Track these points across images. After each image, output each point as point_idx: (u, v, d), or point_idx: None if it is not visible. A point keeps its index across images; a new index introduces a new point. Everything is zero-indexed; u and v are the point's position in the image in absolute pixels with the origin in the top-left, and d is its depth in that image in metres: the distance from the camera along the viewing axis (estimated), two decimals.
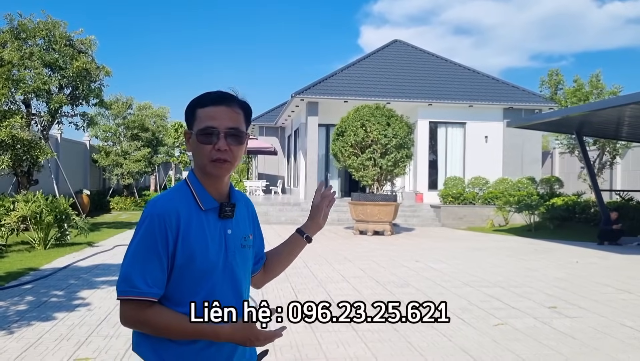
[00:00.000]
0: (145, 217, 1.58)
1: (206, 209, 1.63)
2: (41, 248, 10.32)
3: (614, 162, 18.95)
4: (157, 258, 1.55)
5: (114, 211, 21.35)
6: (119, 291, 1.55)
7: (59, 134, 18.36)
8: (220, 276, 1.62)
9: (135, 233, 1.59)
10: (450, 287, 7.42)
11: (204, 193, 1.65)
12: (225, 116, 1.62)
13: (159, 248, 1.55)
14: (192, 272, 1.58)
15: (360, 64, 22.40)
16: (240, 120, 1.65)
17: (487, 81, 21.90)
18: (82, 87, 14.01)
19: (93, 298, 6.36)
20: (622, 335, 5.17)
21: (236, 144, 1.63)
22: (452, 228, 17.57)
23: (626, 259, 10.70)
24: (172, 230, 1.56)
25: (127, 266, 1.56)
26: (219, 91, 1.66)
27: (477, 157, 20.63)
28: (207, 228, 1.62)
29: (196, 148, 1.63)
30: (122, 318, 1.57)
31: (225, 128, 1.60)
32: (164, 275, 1.56)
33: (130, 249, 1.58)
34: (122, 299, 1.55)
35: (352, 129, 14.37)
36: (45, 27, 13.61)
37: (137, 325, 1.57)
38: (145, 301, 1.53)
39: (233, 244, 1.67)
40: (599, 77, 18.14)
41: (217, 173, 1.63)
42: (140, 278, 1.53)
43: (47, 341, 4.71)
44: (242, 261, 1.70)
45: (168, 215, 1.56)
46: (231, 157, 1.62)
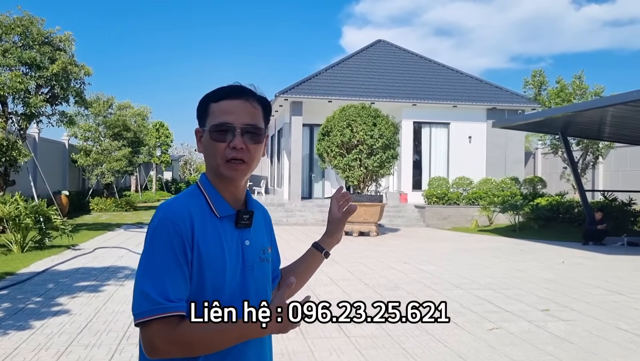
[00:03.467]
0: (158, 223, 1.37)
1: (221, 217, 1.44)
2: (18, 251, 9.98)
3: (596, 162, 19.09)
4: (179, 266, 1.34)
5: (94, 212, 20.92)
6: (139, 313, 1.29)
7: (36, 133, 17.92)
8: (237, 293, 1.43)
9: (148, 243, 1.37)
10: (441, 289, 7.31)
11: (218, 198, 1.46)
12: (242, 110, 1.43)
13: (177, 255, 1.34)
14: (205, 286, 1.38)
15: (344, 64, 22.27)
16: (258, 116, 1.47)
17: (471, 82, 21.94)
18: (61, 86, 13.64)
19: (73, 305, 6.11)
20: (618, 338, 5.09)
21: (254, 143, 1.44)
22: (437, 228, 17.53)
23: (612, 259, 10.72)
24: (187, 236, 1.36)
25: (144, 282, 1.32)
26: (235, 83, 1.49)
27: (461, 157, 20.63)
28: (223, 238, 1.42)
29: (209, 147, 1.45)
30: (150, 346, 1.29)
31: (242, 124, 1.42)
32: (187, 286, 1.35)
33: (145, 261, 1.35)
34: (144, 322, 1.29)
35: (339, 129, 14.23)
36: (22, 23, 13.21)
37: (171, 349, 1.30)
38: (175, 317, 1.29)
39: (251, 257, 1.48)
40: (582, 78, 18.25)
41: (231, 175, 1.44)
42: (163, 291, 1.30)
43: (24, 351, 4.47)
44: (261, 277, 1.51)
45: (182, 219, 1.37)
46: (248, 157, 1.43)
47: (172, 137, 36.42)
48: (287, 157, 21.42)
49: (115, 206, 22.13)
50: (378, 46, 23.95)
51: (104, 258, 9.59)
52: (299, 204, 19.08)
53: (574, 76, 18.52)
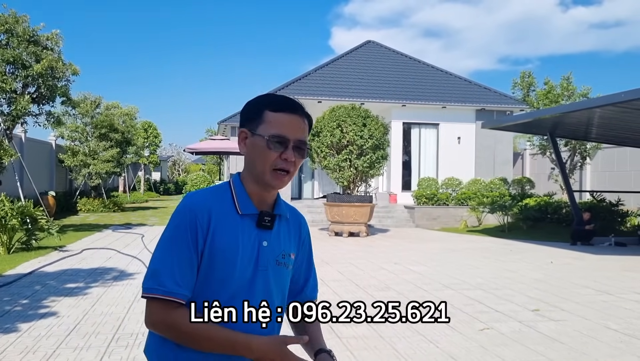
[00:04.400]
0: (179, 210, 1.49)
1: (243, 215, 1.53)
2: (4, 253, 9.85)
3: (584, 163, 19.26)
4: (188, 255, 1.45)
5: (81, 213, 20.72)
6: (145, 288, 1.44)
7: (23, 133, 17.71)
8: (243, 288, 1.50)
9: (167, 226, 1.50)
10: (432, 290, 7.31)
11: (245, 197, 1.55)
12: (297, 126, 1.55)
13: (189, 243, 1.45)
14: (213, 274, 1.48)
15: (333, 65, 22.27)
16: (306, 132, 1.59)
17: (460, 83, 22.03)
18: (47, 86, 13.45)
19: (61, 307, 6.03)
20: (608, 338, 5.11)
21: (300, 157, 1.55)
22: (426, 228, 17.57)
23: (600, 259, 10.80)
24: (202, 228, 1.46)
25: (157, 260, 1.46)
26: (289, 97, 1.58)
27: (450, 158, 20.71)
28: (240, 234, 1.51)
29: (260, 152, 1.52)
30: (148, 319, 1.45)
31: (296, 139, 1.53)
32: (193, 275, 1.46)
33: (161, 242, 1.48)
34: (148, 297, 1.43)
35: (328, 130, 14.21)
36: (6, 21, 13.02)
37: (163, 329, 1.44)
38: (173, 302, 1.42)
39: (266, 258, 1.54)
40: (570, 79, 18.40)
41: (275, 184, 1.54)
42: (170, 275, 1.42)
43: (11, 354, 4.39)
44: (274, 278, 1.57)
45: (200, 211, 1.48)
46: (293, 169, 1.54)
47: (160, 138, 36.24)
48: None
49: (103, 207, 21.93)
50: (367, 47, 23.98)
51: (92, 260, 9.49)
52: None
53: (562, 77, 18.73)
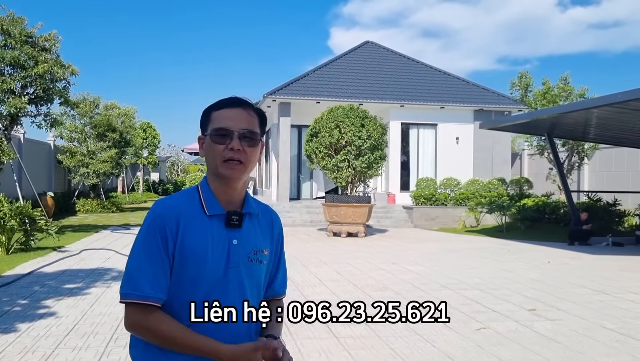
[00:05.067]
0: (149, 218, 1.56)
1: (211, 215, 1.59)
2: (3, 253, 9.87)
3: (582, 163, 19.30)
4: (160, 259, 1.52)
5: (80, 214, 20.73)
6: (122, 293, 1.51)
7: (21, 134, 17.71)
8: (217, 286, 1.56)
9: (139, 233, 1.57)
10: (429, 290, 7.34)
11: (211, 198, 1.61)
12: (241, 117, 1.61)
13: (160, 248, 1.52)
14: (186, 277, 1.53)
15: (332, 65, 22.30)
16: (255, 123, 1.64)
17: (458, 83, 22.06)
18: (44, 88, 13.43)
19: (59, 307, 6.05)
20: (604, 337, 5.15)
21: (250, 146, 1.60)
22: (425, 228, 17.61)
23: (598, 259, 10.84)
24: (171, 232, 1.53)
25: (132, 266, 1.52)
26: (234, 96, 1.67)
27: (449, 158, 20.74)
28: (209, 234, 1.57)
29: (209, 149, 1.60)
30: (126, 323, 1.53)
31: (240, 129, 1.59)
32: (167, 278, 1.53)
33: (134, 249, 1.55)
34: (125, 302, 1.51)
35: (327, 130, 14.24)
36: (3, 22, 13.02)
37: (141, 331, 1.51)
38: (150, 306, 1.48)
39: (237, 256, 1.60)
40: (568, 79, 18.45)
41: (229, 174, 1.58)
42: (145, 280, 1.49)
43: (10, 354, 4.42)
44: (247, 276, 1.63)
45: (168, 216, 1.55)
46: (245, 158, 1.58)
47: (159, 138, 36.19)
48: (275, 158, 21.39)
49: (102, 207, 21.93)
50: (366, 47, 24.01)
51: (90, 260, 9.50)
52: (287, 205, 19.06)
53: (560, 78, 18.75)
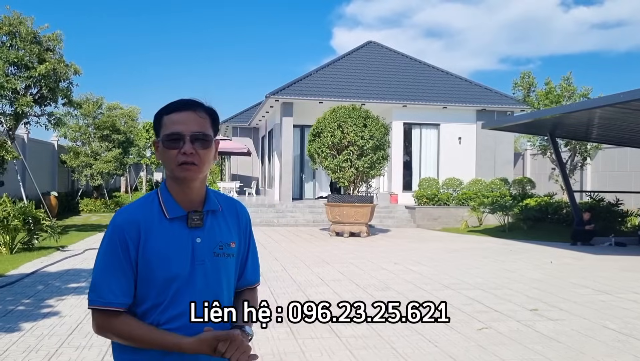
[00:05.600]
0: (109, 228, 1.63)
1: (172, 218, 1.64)
2: (7, 253, 9.91)
3: (584, 163, 19.27)
4: (121, 267, 1.58)
5: (83, 213, 20.79)
6: (89, 300, 1.60)
7: (25, 134, 17.78)
8: (185, 284, 1.62)
9: (101, 244, 1.64)
10: (431, 290, 7.36)
11: (171, 201, 1.65)
12: (191, 120, 1.62)
13: (121, 257, 1.58)
14: (154, 279, 1.60)
15: (334, 65, 22.30)
16: (206, 125, 1.65)
17: (460, 83, 22.04)
18: (49, 88, 13.52)
19: (63, 306, 6.08)
20: (605, 337, 5.15)
21: (203, 148, 1.62)
22: (427, 228, 17.60)
23: (600, 259, 10.83)
24: (133, 240, 1.59)
25: (96, 275, 1.61)
26: (183, 98, 1.67)
27: (451, 158, 20.73)
28: (171, 237, 1.62)
29: (164, 155, 1.64)
30: (94, 326, 1.62)
31: (191, 132, 1.61)
32: (130, 284, 1.60)
33: (98, 259, 1.63)
34: (91, 309, 1.59)
35: (329, 130, 14.25)
36: (10, 22, 13.10)
37: (107, 334, 1.60)
38: (112, 311, 1.57)
39: (202, 253, 1.65)
40: (570, 79, 18.42)
41: (183, 176, 1.62)
42: (107, 287, 1.57)
43: (14, 353, 4.45)
44: (214, 270, 1.67)
45: (128, 226, 1.60)
46: (198, 160, 1.61)
47: None
48: (277, 158, 21.42)
49: (105, 207, 21.99)
50: (368, 47, 24.01)
51: (93, 260, 9.50)
52: (289, 205, 19.08)
53: (563, 78, 18.71)
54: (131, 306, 1.60)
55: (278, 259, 9.91)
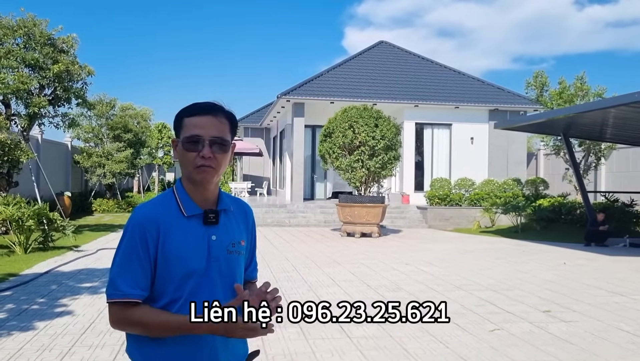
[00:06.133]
0: (128, 224, 1.67)
1: (189, 216, 1.69)
2: (21, 252, 10.02)
3: (599, 163, 19.06)
4: (139, 262, 1.63)
5: (96, 213, 20.97)
6: (107, 295, 1.64)
7: (39, 135, 17.96)
8: (202, 279, 1.67)
9: (120, 240, 1.68)
10: (443, 291, 7.32)
11: (187, 200, 1.71)
12: (211, 125, 1.67)
13: (140, 253, 1.63)
14: (172, 274, 1.65)
15: (346, 65, 22.29)
16: (225, 130, 1.71)
17: (473, 83, 21.93)
18: (62, 88, 13.66)
19: (76, 306, 6.14)
20: (619, 339, 5.10)
21: (220, 152, 1.69)
22: (439, 229, 17.53)
23: (614, 260, 10.72)
24: (152, 236, 1.64)
25: (113, 271, 1.65)
26: (206, 101, 1.72)
27: (463, 158, 20.64)
28: (189, 234, 1.67)
29: (182, 156, 1.69)
30: (110, 320, 1.66)
31: (210, 137, 1.66)
32: (147, 278, 1.64)
33: (116, 255, 1.67)
34: (109, 303, 1.64)
35: (340, 130, 14.24)
36: (25, 25, 13.26)
37: (123, 326, 1.64)
38: (129, 303, 1.61)
39: (217, 250, 1.71)
40: (584, 79, 18.23)
41: (200, 179, 1.68)
42: (124, 281, 1.61)
43: (28, 352, 4.50)
44: (227, 267, 1.73)
45: (148, 223, 1.65)
46: (215, 164, 1.67)
47: None
48: (289, 159, 21.45)
49: (118, 207, 22.16)
50: (380, 47, 23.97)
51: (107, 259, 9.61)
52: (301, 205, 19.10)
53: (576, 77, 18.52)
54: (148, 301, 1.65)
55: (289, 259, 9.92)
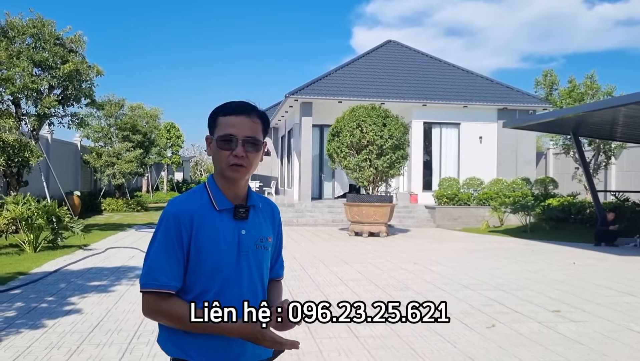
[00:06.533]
0: (163, 216, 1.73)
1: (220, 210, 1.75)
2: (31, 251, 10.09)
3: (609, 163, 18.90)
4: (174, 253, 1.69)
5: (105, 213, 21.08)
6: (141, 283, 1.69)
7: (49, 134, 18.09)
8: (232, 272, 1.73)
9: (155, 231, 1.74)
10: (451, 290, 7.29)
11: (219, 195, 1.77)
12: (245, 125, 1.74)
13: (175, 244, 1.69)
14: (204, 266, 1.70)
15: (354, 65, 22.26)
16: (258, 130, 1.77)
17: (481, 82, 21.83)
18: (72, 88, 13.75)
19: (85, 304, 6.17)
20: (629, 339, 5.05)
21: (253, 152, 1.75)
22: (447, 228, 17.46)
23: (624, 260, 10.63)
24: (186, 228, 1.70)
25: (150, 261, 1.70)
26: (240, 101, 1.79)
27: (472, 157, 20.55)
28: (220, 227, 1.73)
29: (216, 153, 1.76)
30: (144, 309, 1.70)
31: (244, 136, 1.73)
32: (181, 269, 1.70)
33: (152, 245, 1.72)
34: (143, 292, 1.68)
35: (348, 130, 14.22)
36: (34, 25, 13.36)
37: (157, 316, 1.68)
38: (164, 293, 1.66)
39: (246, 244, 1.77)
40: (594, 77, 18.09)
41: (233, 176, 1.75)
42: (160, 271, 1.66)
43: (36, 350, 4.52)
44: (256, 261, 1.80)
45: (182, 215, 1.71)
46: (247, 163, 1.74)
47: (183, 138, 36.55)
48: (297, 158, 21.45)
49: (127, 206, 22.26)
50: (388, 46, 23.92)
51: (115, 258, 9.66)
52: (309, 204, 19.09)
53: (586, 76, 18.37)
54: (180, 293, 1.70)
55: (297, 258, 9.91)
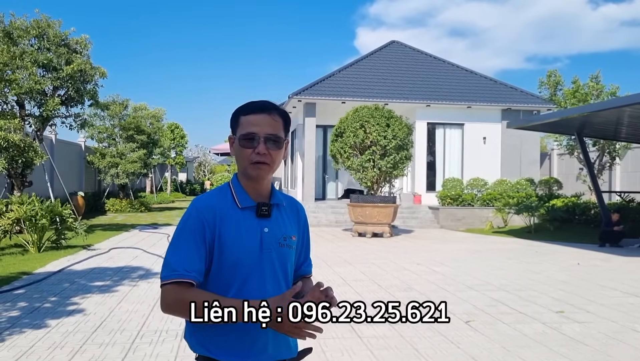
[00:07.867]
0: (188, 212, 1.76)
1: (243, 208, 1.77)
2: (35, 251, 10.11)
3: (613, 163, 18.83)
4: (195, 247, 1.69)
5: (109, 213, 21.12)
6: (161, 276, 1.68)
7: (53, 135, 18.14)
8: (254, 270, 1.74)
9: (178, 226, 1.76)
10: (455, 291, 7.27)
11: (242, 193, 1.79)
12: (266, 123, 1.76)
13: (197, 238, 1.69)
14: (226, 262, 1.71)
15: (357, 65, 22.24)
16: (279, 127, 1.79)
17: (485, 82, 21.78)
18: (76, 88, 13.78)
19: (88, 304, 6.18)
20: (635, 341, 5.02)
21: (275, 149, 1.77)
22: (451, 229, 17.43)
23: (629, 261, 10.58)
24: (209, 224, 1.71)
25: (169, 254, 1.71)
26: (261, 100, 1.81)
27: (476, 158, 20.50)
28: (242, 224, 1.75)
29: (238, 152, 1.78)
30: (163, 303, 1.68)
31: (265, 134, 1.74)
32: (201, 263, 1.69)
33: (173, 239, 1.74)
34: (163, 284, 1.67)
35: (352, 130, 14.21)
36: (39, 26, 13.39)
37: (177, 308, 1.65)
38: (184, 283, 1.65)
39: (269, 242, 1.78)
40: (599, 78, 18.03)
41: (256, 174, 1.77)
42: (180, 263, 1.66)
43: (39, 349, 4.52)
44: (278, 259, 1.80)
45: (206, 211, 1.73)
46: (270, 160, 1.76)
47: (186, 139, 36.63)
48: (300, 159, 21.44)
49: (131, 207, 22.30)
50: (392, 47, 23.89)
51: (119, 258, 9.67)
52: (312, 205, 19.08)
53: (590, 76, 18.31)
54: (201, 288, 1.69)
55: None
